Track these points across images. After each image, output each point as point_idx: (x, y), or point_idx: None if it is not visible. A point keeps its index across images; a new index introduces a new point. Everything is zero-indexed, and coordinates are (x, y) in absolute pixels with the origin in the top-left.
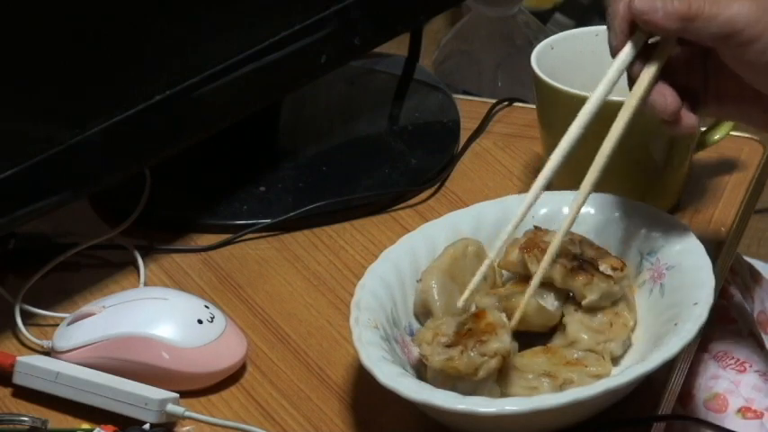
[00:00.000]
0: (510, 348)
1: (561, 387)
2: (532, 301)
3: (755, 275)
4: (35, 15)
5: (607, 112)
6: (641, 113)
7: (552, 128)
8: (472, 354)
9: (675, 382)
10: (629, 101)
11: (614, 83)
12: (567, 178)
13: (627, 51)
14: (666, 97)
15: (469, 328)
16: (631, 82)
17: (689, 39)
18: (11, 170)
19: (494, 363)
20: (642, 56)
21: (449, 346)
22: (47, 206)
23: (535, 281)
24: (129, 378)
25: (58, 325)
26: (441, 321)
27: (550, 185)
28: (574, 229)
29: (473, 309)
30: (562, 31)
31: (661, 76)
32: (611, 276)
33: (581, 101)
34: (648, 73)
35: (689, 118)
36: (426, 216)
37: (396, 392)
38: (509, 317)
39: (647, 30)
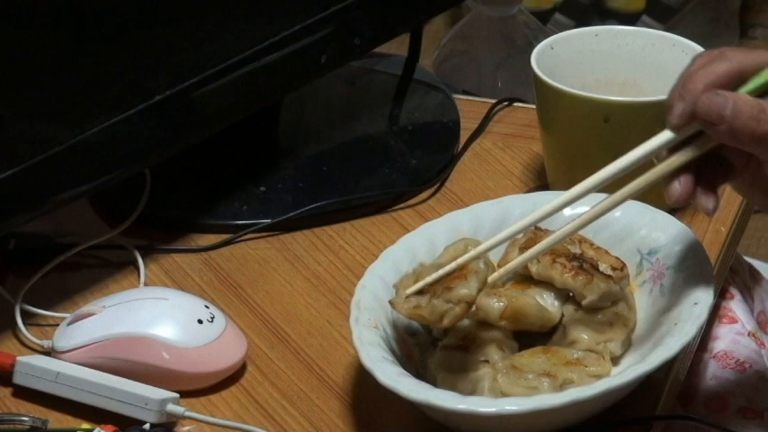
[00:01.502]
0: (476, 295)
1: (561, 387)
2: (532, 301)
3: (755, 275)
4: (35, 15)
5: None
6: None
7: (552, 128)
8: (437, 301)
9: (675, 381)
10: (651, 174)
11: (652, 155)
12: (563, 178)
13: (672, 133)
14: (682, 188)
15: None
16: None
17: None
18: (11, 170)
19: (458, 309)
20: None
21: (420, 293)
22: (47, 206)
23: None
24: (129, 378)
25: (58, 325)
26: (426, 267)
27: (549, 186)
28: None
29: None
30: (562, 31)
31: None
32: (611, 276)
33: (581, 101)
34: (681, 158)
35: (711, 201)
36: (426, 216)
37: (396, 392)
38: (507, 317)
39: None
